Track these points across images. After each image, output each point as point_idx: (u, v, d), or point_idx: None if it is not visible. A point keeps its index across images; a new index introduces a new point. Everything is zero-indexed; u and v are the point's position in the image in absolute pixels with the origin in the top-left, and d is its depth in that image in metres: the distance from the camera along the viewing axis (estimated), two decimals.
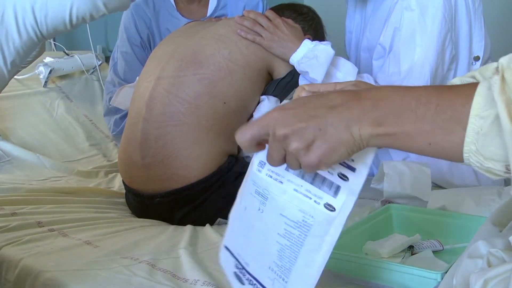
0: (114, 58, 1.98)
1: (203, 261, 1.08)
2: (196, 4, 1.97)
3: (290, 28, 1.51)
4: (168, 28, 1.92)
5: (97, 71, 2.36)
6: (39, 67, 2.18)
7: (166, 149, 1.36)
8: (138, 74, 1.78)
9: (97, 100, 2.30)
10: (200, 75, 1.40)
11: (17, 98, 2.10)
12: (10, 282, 1.10)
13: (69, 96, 2.23)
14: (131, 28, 1.94)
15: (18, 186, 1.61)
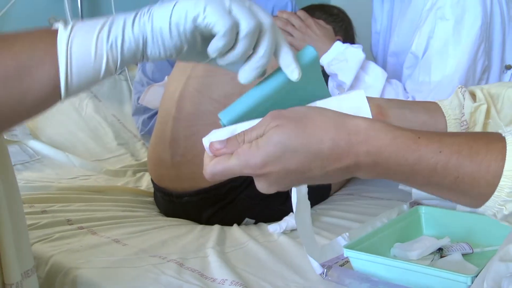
0: None
1: (230, 260, 1.09)
2: None
3: (321, 28, 1.51)
4: None
5: (125, 71, 2.38)
6: None
7: (196, 148, 1.37)
8: (166, 74, 1.80)
9: (125, 100, 2.32)
10: (230, 75, 1.40)
11: None
12: (41, 278, 1.11)
13: (97, 96, 2.26)
14: None
15: (48, 184, 1.63)
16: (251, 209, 1.38)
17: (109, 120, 2.18)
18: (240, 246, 1.18)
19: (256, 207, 1.38)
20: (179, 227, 1.33)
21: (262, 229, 1.30)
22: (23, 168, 1.76)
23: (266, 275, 1.03)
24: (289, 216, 1.29)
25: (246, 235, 1.24)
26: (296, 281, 1.01)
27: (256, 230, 1.30)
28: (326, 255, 1.07)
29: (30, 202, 1.46)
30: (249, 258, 1.11)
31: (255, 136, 0.63)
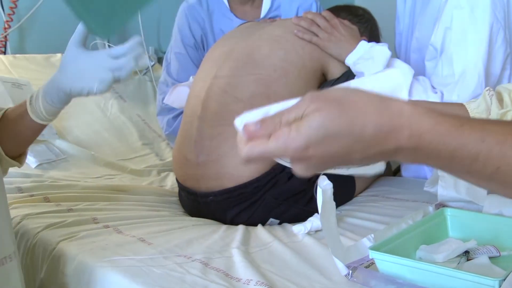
0: (168, 59, 2.00)
1: (255, 261, 1.09)
2: (249, 6, 1.98)
3: (347, 29, 1.50)
4: (221, 29, 1.93)
5: (150, 72, 2.41)
6: None
7: (221, 148, 1.38)
8: (191, 74, 1.81)
9: (149, 100, 2.34)
10: (256, 75, 1.41)
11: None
12: (67, 276, 1.13)
13: (122, 96, 2.28)
14: (185, 29, 1.96)
15: (74, 183, 1.65)
16: (276, 210, 1.38)
17: (134, 120, 2.20)
18: (264, 246, 1.18)
19: (280, 207, 1.38)
20: (204, 227, 1.34)
21: (286, 230, 1.30)
22: (49, 166, 1.77)
23: (291, 276, 1.03)
24: (313, 216, 1.28)
25: (271, 236, 1.24)
26: (321, 282, 1.01)
27: (281, 231, 1.30)
28: (351, 256, 1.06)
29: (56, 201, 1.47)
30: (274, 259, 1.11)
31: (293, 118, 0.61)
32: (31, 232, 1.28)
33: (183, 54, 1.96)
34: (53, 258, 1.18)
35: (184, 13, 1.97)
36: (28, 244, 1.27)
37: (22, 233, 1.31)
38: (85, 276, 1.08)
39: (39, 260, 1.23)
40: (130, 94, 2.31)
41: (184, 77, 1.87)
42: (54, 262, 1.17)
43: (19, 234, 1.31)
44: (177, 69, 1.95)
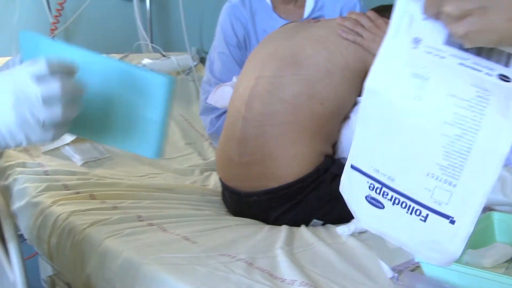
0: (211, 59, 2.01)
1: (299, 261, 1.09)
2: (292, 5, 1.98)
3: None
4: (264, 29, 1.93)
5: (192, 72, 2.42)
6: None
7: (264, 148, 1.38)
8: (234, 74, 1.81)
9: (192, 100, 2.36)
10: (299, 75, 1.41)
11: None
12: (113, 272, 1.15)
13: None
14: (228, 29, 1.97)
15: (118, 181, 1.67)
16: (319, 210, 1.37)
17: (176, 119, 2.22)
18: (308, 247, 1.18)
19: (324, 208, 1.37)
20: (247, 227, 1.34)
21: (330, 231, 1.30)
22: (94, 165, 1.80)
23: (335, 277, 1.02)
24: None
25: (314, 236, 1.24)
26: (366, 284, 1.00)
27: (324, 232, 1.29)
28: (396, 259, 1.05)
29: (102, 198, 1.50)
30: (318, 259, 1.11)
31: None
32: (78, 229, 1.31)
33: (226, 53, 1.96)
34: (100, 254, 1.20)
35: (227, 12, 1.98)
36: (75, 240, 1.29)
37: (69, 229, 1.33)
38: (131, 273, 1.09)
39: (85, 256, 1.25)
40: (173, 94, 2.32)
41: (227, 76, 1.88)
42: (101, 258, 1.19)
43: (66, 230, 1.34)
44: (220, 69, 1.96)
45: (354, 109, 1.45)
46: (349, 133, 1.44)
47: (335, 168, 1.38)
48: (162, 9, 2.76)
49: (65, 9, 2.33)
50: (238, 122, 1.43)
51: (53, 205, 1.44)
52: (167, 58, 2.39)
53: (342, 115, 1.44)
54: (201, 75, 2.30)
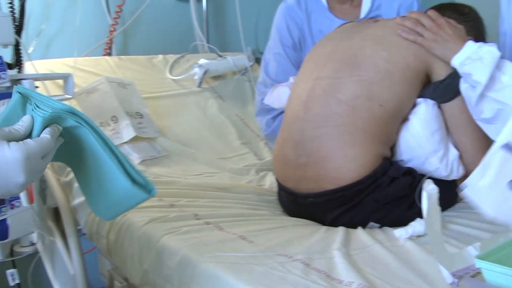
0: (266, 59, 2.01)
1: (356, 263, 1.08)
2: (348, 5, 1.96)
3: (453, 28, 1.44)
4: (320, 30, 1.92)
5: (248, 72, 2.43)
6: (194, 68, 2.29)
7: (322, 150, 1.37)
8: (289, 75, 1.81)
9: (248, 100, 2.37)
10: (358, 76, 1.40)
11: (174, 97, 2.21)
12: (171, 269, 1.16)
13: (221, 96, 2.32)
14: (283, 30, 1.97)
15: (175, 179, 1.69)
16: (376, 213, 1.36)
17: (232, 119, 2.24)
18: (365, 248, 1.17)
19: (381, 211, 1.36)
20: (304, 227, 1.34)
21: (387, 233, 1.28)
22: (152, 163, 1.82)
23: (393, 280, 1.01)
24: (415, 221, 1.26)
25: (371, 238, 1.22)
26: None
27: (381, 234, 1.28)
28: (455, 264, 1.03)
29: (159, 196, 1.52)
30: (375, 262, 1.10)
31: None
32: (136, 225, 1.33)
33: (282, 54, 1.96)
34: (157, 251, 1.22)
35: (283, 13, 1.98)
36: (133, 237, 1.32)
37: (127, 226, 1.36)
38: (189, 270, 1.10)
39: (143, 252, 1.27)
40: (229, 94, 2.35)
41: (283, 77, 1.88)
42: (158, 255, 1.21)
43: (124, 226, 1.37)
44: (275, 70, 1.96)
45: (413, 111, 1.42)
46: (408, 135, 1.42)
47: (392, 171, 1.36)
48: (218, 10, 2.79)
49: (124, 11, 2.38)
50: (296, 124, 1.43)
51: None
52: (223, 58, 2.41)
53: (401, 117, 1.42)
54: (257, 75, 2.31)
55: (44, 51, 2.23)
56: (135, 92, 2.02)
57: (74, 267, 1.69)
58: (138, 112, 1.92)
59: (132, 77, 2.15)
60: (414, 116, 1.42)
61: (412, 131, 1.41)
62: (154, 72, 2.31)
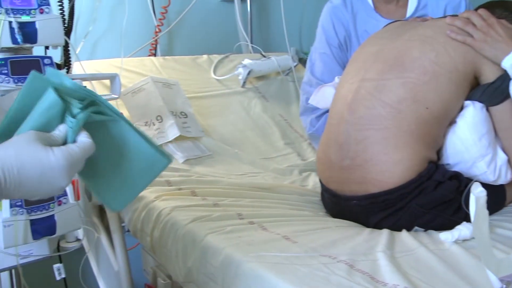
0: (312, 59, 2.01)
1: (401, 266, 1.06)
2: (394, 5, 1.94)
3: (504, 28, 1.41)
4: (366, 30, 1.91)
5: (292, 72, 2.43)
6: (238, 68, 2.30)
7: (366, 153, 1.36)
8: (335, 75, 1.80)
9: (291, 101, 2.37)
10: (404, 78, 1.37)
11: (218, 97, 2.23)
12: (215, 268, 1.17)
13: (265, 96, 2.33)
14: (330, 30, 1.96)
15: (219, 179, 1.70)
16: (421, 218, 1.33)
17: (276, 119, 2.24)
18: (410, 251, 1.15)
19: (426, 216, 1.33)
20: (347, 228, 1.33)
21: (432, 237, 1.26)
22: (195, 162, 1.84)
23: (438, 284, 0.99)
24: (461, 225, 1.24)
25: (416, 241, 1.21)
26: None
27: (426, 237, 1.26)
28: (503, 270, 1.01)
29: (203, 195, 1.54)
30: (420, 265, 1.08)
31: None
32: (180, 223, 1.34)
33: (328, 54, 1.95)
34: (201, 249, 1.23)
35: (329, 13, 1.97)
36: (177, 235, 1.33)
37: (171, 224, 1.38)
38: (232, 269, 1.11)
39: (187, 250, 1.29)
40: (273, 94, 2.35)
41: (329, 77, 1.87)
42: (202, 254, 1.22)
43: (168, 224, 1.38)
44: (321, 70, 1.95)
45: (461, 114, 1.39)
46: (455, 139, 1.39)
47: (438, 175, 1.33)
48: (262, 10, 2.80)
49: (169, 12, 2.41)
50: (340, 125, 1.42)
51: (156, 200, 1.50)
52: (267, 59, 2.42)
53: (448, 120, 1.39)
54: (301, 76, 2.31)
55: (91, 52, 2.28)
56: (179, 92, 2.04)
57: (119, 263, 1.72)
58: (182, 112, 1.94)
59: (177, 77, 2.18)
60: (462, 119, 1.39)
61: (460, 135, 1.38)
62: (199, 72, 2.33)
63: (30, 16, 1.42)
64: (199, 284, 1.23)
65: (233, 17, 2.61)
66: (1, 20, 1.38)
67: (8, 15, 1.39)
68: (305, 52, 2.88)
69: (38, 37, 1.44)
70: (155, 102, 1.91)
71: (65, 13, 1.93)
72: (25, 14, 1.42)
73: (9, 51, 1.45)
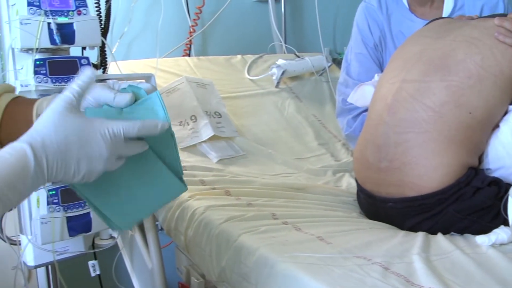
0: (348, 60, 2.00)
1: (437, 269, 1.05)
2: (428, 6, 1.91)
3: None
4: (401, 31, 1.89)
5: (326, 73, 2.42)
6: (272, 68, 2.30)
7: (405, 156, 1.33)
8: (372, 75, 1.79)
9: (325, 101, 2.36)
10: (448, 81, 1.33)
11: (252, 97, 2.24)
12: (248, 267, 1.17)
13: (299, 97, 2.32)
14: (365, 30, 1.95)
15: (253, 179, 1.71)
16: (458, 224, 1.30)
17: (309, 120, 2.23)
18: (446, 255, 1.14)
19: (463, 222, 1.30)
20: (382, 230, 1.32)
21: (468, 240, 1.24)
22: (229, 162, 1.85)
23: None
24: (499, 228, 1.21)
25: (452, 245, 1.19)
26: None
27: (462, 240, 1.24)
28: None
29: (237, 195, 1.54)
30: (456, 269, 1.07)
31: None
32: (214, 223, 1.35)
33: (364, 54, 1.94)
34: (235, 249, 1.23)
35: (364, 13, 1.96)
36: (211, 234, 1.34)
37: (205, 223, 1.38)
38: (266, 269, 1.11)
39: (221, 249, 1.29)
40: (307, 95, 2.35)
41: (366, 77, 1.85)
42: (236, 253, 1.22)
43: (202, 224, 1.39)
44: (358, 70, 1.94)
45: (505, 118, 1.34)
46: (497, 144, 1.34)
47: (477, 181, 1.30)
48: (296, 10, 2.79)
49: (203, 12, 2.43)
50: (379, 127, 1.40)
51: (190, 199, 1.50)
52: (301, 59, 2.42)
53: (491, 126, 1.34)
54: (335, 76, 2.30)
55: (126, 52, 2.30)
56: (214, 92, 2.05)
57: (152, 262, 1.73)
58: (216, 112, 1.95)
59: (211, 77, 2.19)
60: (505, 124, 1.33)
61: (502, 140, 1.33)
62: (233, 72, 2.34)
63: (68, 18, 1.45)
64: (233, 284, 1.23)
65: (267, 18, 2.61)
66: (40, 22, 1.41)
67: (47, 17, 1.42)
68: (338, 52, 2.86)
69: (76, 38, 1.47)
70: (190, 102, 1.93)
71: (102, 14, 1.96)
72: (63, 15, 1.45)
73: (47, 52, 1.48)
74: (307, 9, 2.77)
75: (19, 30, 1.40)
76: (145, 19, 2.34)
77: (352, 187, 1.72)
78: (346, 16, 2.83)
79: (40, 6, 1.41)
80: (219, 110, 1.97)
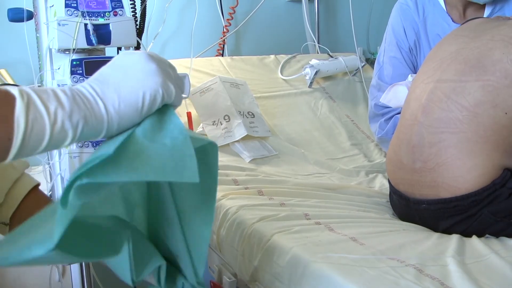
0: (380, 62, 1.97)
1: (472, 272, 1.04)
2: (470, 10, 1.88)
3: None
4: (438, 33, 1.86)
5: (359, 73, 2.41)
6: (306, 68, 2.30)
7: (439, 157, 1.32)
8: (404, 79, 1.76)
9: (359, 101, 2.35)
10: (484, 81, 1.31)
11: (285, 97, 2.24)
12: (281, 267, 1.17)
13: (332, 97, 2.32)
14: (400, 32, 1.92)
15: (285, 179, 1.70)
16: (493, 226, 1.29)
17: (342, 120, 2.23)
18: (481, 258, 1.12)
19: (498, 224, 1.28)
20: (415, 232, 1.31)
21: (504, 243, 1.23)
22: (262, 162, 1.85)
23: None
24: None
25: (487, 248, 1.17)
26: None
27: (498, 244, 1.22)
28: None
29: (269, 195, 1.54)
30: (492, 272, 1.05)
31: None
32: (247, 222, 1.35)
33: (398, 58, 1.92)
34: (268, 248, 1.23)
35: (399, 14, 1.94)
36: (244, 234, 1.34)
37: (238, 222, 1.39)
38: (299, 269, 1.11)
39: (253, 249, 1.29)
40: (340, 95, 2.34)
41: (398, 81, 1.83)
42: (269, 253, 1.23)
43: (235, 223, 1.40)
44: (390, 74, 1.92)
45: None
46: None
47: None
48: (329, 10, 2.79)
49: (236, 12, 2.44)
50: (414, 127, 1.38)
51: (223, 199, 1.51)
52: (335, 59, 2.41)
53: None
54: (368, 76, 2.29)
55: (160, 52, 2.33)
56: (247, 92, 2.06)
57: None
58: (250, 112, 1.96)
59: (244, 77, 2.20)
60: None
61: None
62: (266, 72, 2.34)
63: (104, 19, 1.47)
64: (265, 284, 1.24)
65: (301, 17, 2.61)
66: (77, 23, 1.44)
67: (84, 18, 1.44)
68: (372, 52, 2.85)
69: (112, 39, 1.49)
70: (223, 102, 1.94)
71: (137, 14, 1.98)
72: (100, 16, 1.47)
73: (84, 52, 1.51)
74: (341, 8, 2.76)
75: (56, 31, 1.43)
76: (179, 20, 2.37)
77: (385, 188, 1.71)
78: (380, 14, 2.82)
79: (77, 7, 1.44)
80: (252, 110, 1.97)
